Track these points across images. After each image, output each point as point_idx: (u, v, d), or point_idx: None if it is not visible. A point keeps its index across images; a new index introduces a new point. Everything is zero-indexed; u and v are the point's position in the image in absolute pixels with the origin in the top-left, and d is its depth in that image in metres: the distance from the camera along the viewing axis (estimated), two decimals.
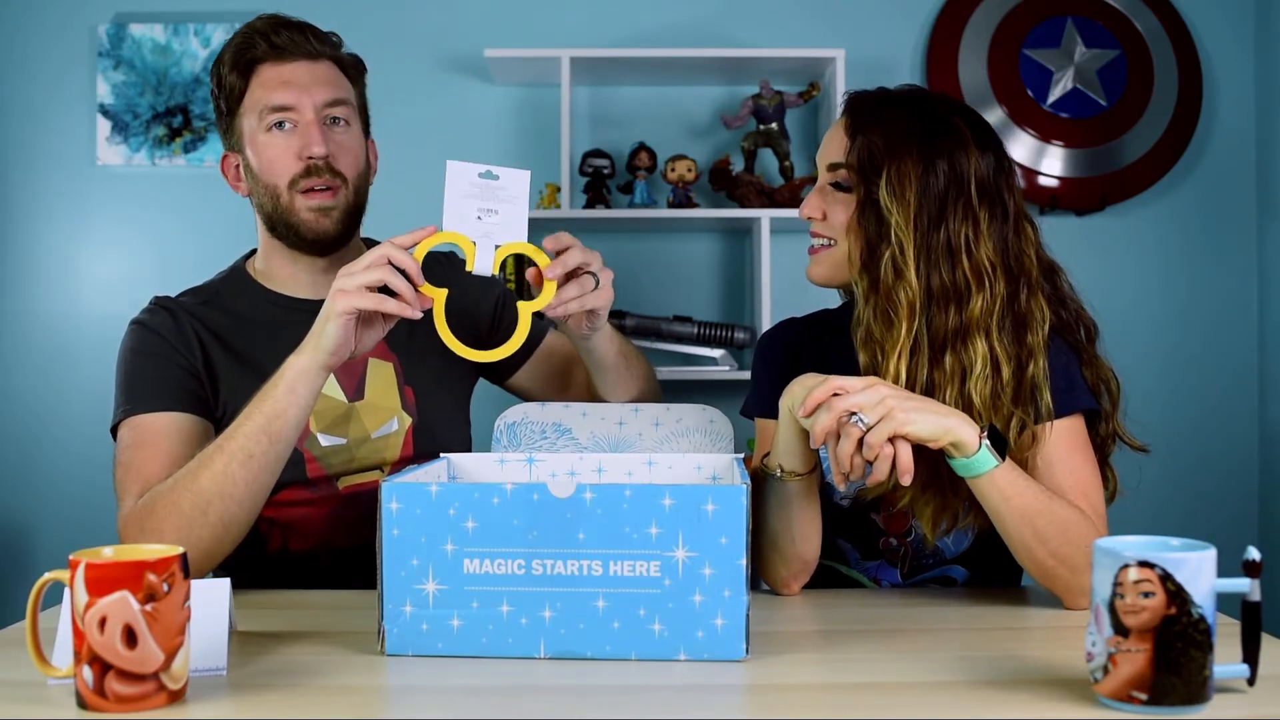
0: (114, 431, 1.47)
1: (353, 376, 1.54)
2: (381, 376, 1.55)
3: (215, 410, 1.49)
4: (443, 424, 1.59)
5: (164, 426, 1.44)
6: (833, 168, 1.39)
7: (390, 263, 1.27)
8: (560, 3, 2.93)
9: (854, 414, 1.18)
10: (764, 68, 2.81)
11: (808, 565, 1.39)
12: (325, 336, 1.28)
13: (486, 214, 1.28)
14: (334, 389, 1.53)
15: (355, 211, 1.56)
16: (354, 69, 1.59)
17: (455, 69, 2.91)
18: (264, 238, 1.58)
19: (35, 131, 2.92)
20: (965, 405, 1.30)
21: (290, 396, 1.30)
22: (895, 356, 1.30)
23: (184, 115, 2.89)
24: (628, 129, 2.94)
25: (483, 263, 1.29)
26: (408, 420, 1.55)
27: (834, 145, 1.40)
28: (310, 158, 1.49)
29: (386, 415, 1.54)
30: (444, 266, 1.70)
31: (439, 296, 1.30)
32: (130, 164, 2.90)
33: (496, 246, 1.29)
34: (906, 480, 1.20)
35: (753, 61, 2.77)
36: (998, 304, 1.32)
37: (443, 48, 2.89)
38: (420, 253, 1.30)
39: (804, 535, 1.36)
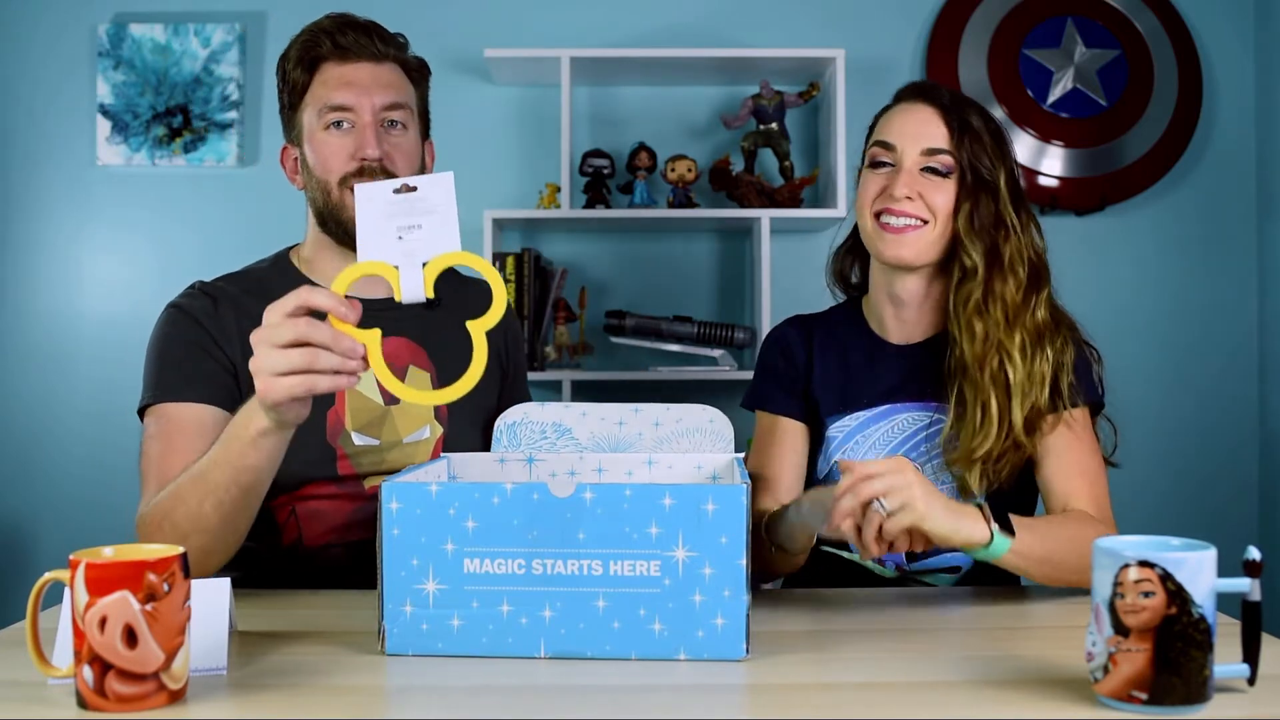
0: (141, 412, 1.48)
1: None
2: (419, 385, 1.56)
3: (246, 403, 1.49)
4: (468, 437, 1.60)
5: (189, 420, 1.44)
6: (933, 152, 1.45)
7: (309, 310, 1.11)
8: (560, 3, 2.93)
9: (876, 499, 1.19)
10: (764, 68, 2.81)
11: (800, 558, 1.43)
12: (272, 420, 1.18)
13: (408, 231, 1.13)
14: (372, 390, 1.53)
15: None
16: (417, 71, 1.61)
17: (455, 69, 2.91)
18: (313, 231, 1.59)
19: (35, 131, 2.92)
20: (1036, 367, 1.41)
21: (257, 454, 1.24)
22: (1028, 312, 1.43)
23: (184, 115, 2.89)
24: (628, 129, 2.94)
25: (410, 287, 1.12)
26: (439, 430, 1.57)
27: (931, 131, 1.45)
28: (364, 159, 1.50)
29: (420, 422, 1.55)
30: (453, 291, 1.68)
31: (370, 340, 1.12)
32: (130, 164, 2.90)
33: (424, 264, 1.12)
34: (920, 548, 1.22)
35: (753, 61, 2.77)
36: (1050, 287, 1.47)
37: (443, 48, 2.89)
38: (341, 287, 1.13)
39: (801, 547, 1.39)
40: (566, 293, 2.90)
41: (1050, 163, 2.91)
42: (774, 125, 2.80)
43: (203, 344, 1.48)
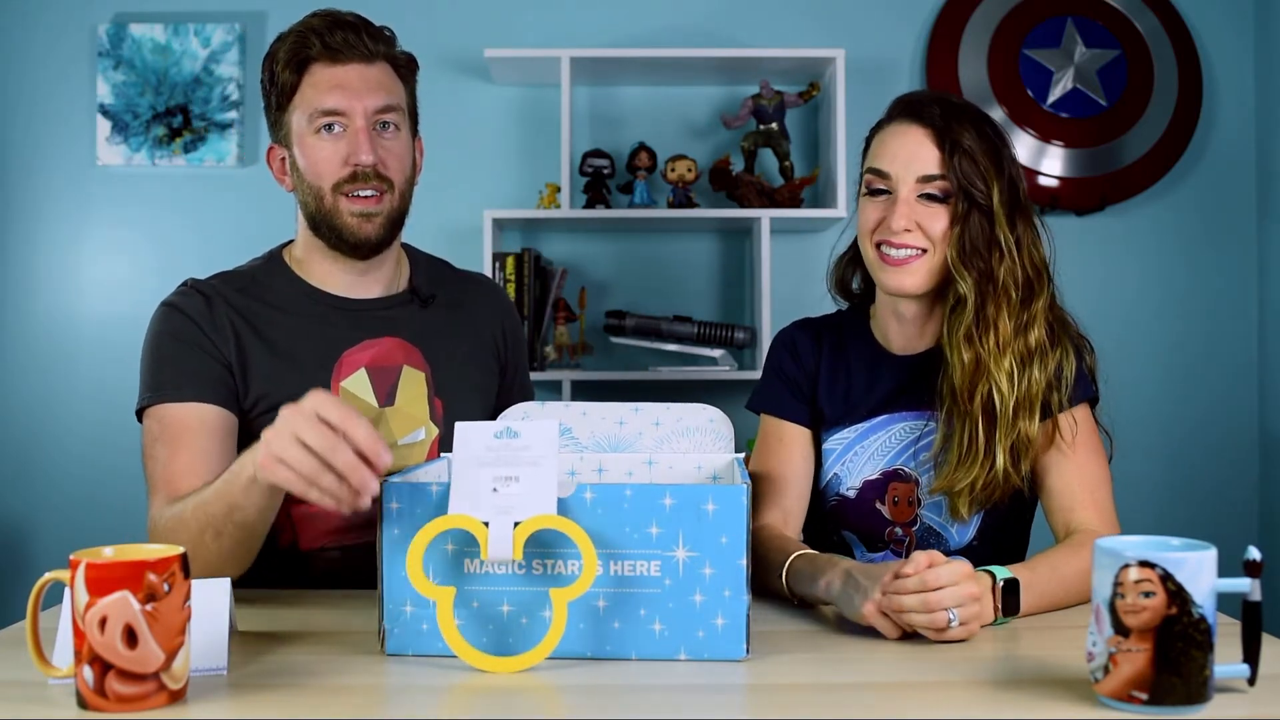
0: (139, 414, 1.47)
1: (385, 383, 1.53)
2: (413, 385, 1.55)
3: (244, 401, 1.49)
4: None
5: (189, 420, 1.43)
6: (928, 179, 1.42)
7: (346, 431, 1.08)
8: (560, 3, 2.93)
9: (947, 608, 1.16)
10: (764, 68, 2.81)
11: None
12: (261, 485, 1.20)
13: (505, 483, 1.07)
14: (366, 392, 1.52)
15: (399, 217, 1.55)
16: (406, 68, 1.58)
17: (455, 69, 2.91)
18: (304, 233, 1.57)
19: (35, 131, 2.92)
20: (1026, 390, 1.39)
21: (247, 498, 1.25)
22: (1021, 334, 1.41)
23: (184, 115, 2.89)
24: (628, 129, 2.94)
25: (499, 546, 1.06)
26: (435, 431, 1.55)
27: (924, 156, 1.42)
28: (357, 165, 1.48)
29: (415, 424, 1.54)
30: (444, 284, 1.66)
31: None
32: (130, 164, 2.90)
33: (516, 524, 1.06)
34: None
35: (753, 61, 2.77)
36: (1050, 297, 1.45)
37: (443, 48, 2.89)
38: (423, 542, 1.07)
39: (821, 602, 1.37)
40: (566, 293, 2.90)
41: (1050, 163, 2.91)
42: (774, 125, 2.80)
43: (199, 341, 1.47)
